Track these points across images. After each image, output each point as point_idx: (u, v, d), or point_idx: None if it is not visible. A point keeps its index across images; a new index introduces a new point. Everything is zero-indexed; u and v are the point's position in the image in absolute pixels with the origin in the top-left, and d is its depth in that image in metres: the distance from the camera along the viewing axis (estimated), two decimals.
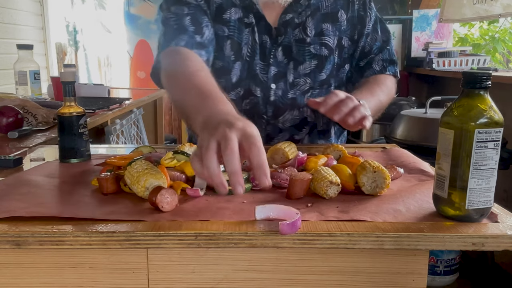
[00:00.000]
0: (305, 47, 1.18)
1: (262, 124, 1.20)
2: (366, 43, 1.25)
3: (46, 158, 1.09)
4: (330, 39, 1.20)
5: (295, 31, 1.18)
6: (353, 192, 0.77)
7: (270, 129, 1.22)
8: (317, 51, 1.19)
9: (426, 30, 3.44)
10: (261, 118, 1.20)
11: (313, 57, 1.19)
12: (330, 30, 1.20)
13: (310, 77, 1.20)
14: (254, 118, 1.18)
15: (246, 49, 1.16)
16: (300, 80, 1.20)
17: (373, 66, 1.25)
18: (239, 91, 1.19)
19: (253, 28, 1.16)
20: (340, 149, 0.98)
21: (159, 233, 0.61)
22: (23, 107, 1.59)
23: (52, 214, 0.66)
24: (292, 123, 1.22)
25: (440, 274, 0.88)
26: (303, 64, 1.19)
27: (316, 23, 1.18)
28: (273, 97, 1.19)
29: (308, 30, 1.18)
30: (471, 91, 0.64)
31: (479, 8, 2.68)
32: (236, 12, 1.16)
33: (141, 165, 0.75)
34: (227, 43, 1.17)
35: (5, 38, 2.71)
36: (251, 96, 1.19)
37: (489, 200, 0.65)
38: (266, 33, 1.17)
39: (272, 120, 1.21)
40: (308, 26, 1.18)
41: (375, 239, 0.61)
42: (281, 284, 0.66)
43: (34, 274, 0.66)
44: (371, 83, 1.20)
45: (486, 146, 0.63)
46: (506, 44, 3.47)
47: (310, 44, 1.18)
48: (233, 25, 1.16)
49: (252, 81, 1.18)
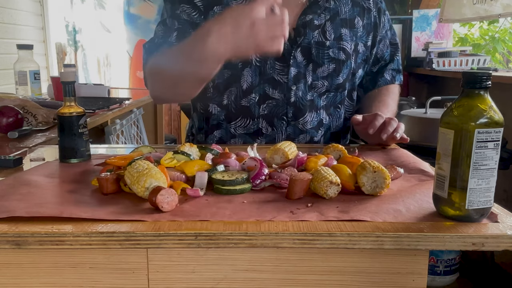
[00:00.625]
0: (324, 50, 1.21)
1: (283, 126, 1.22)
2: (379, 49, 1.33)
3: (46, 158, 1.09)
4: (348, 44, 1.23)
5: (315, 33, 1.20)
6: (353, 192, 0.77)
7: (291, 131, 1.23)
8: (335, 55, 1.22)
9: (426, 30, 3.44)
10: (282, 120, 1.21)
11: (331, 61, 1.21)
12: (348, 36, 1.23)
13: (327, 80, 1.23)
14: (274, 121, 1.21)
15: (253, 55, 1.16)
16: (318, 83, 1.22)
17: (385, 76, 1.35)
18: (254, 97, 1.20)
19: None
20: (340, 149, 0.98)
21: (159, 233, 0.61)
22: (23, 107, 1.59)
23: (52, 214, 0.66)
24: (311, 125, 1.24)
25: (440, 274, 0.88)
26: (322, 67, 1.21)
27: (335, 27, 1.22)
28: (293, 98, 1.20)
29: (327, 34, 1.21)
30: (471, 91, 0.64)
31: (479, 8, 2.68)
32: None
33: (141, 165, 0.75)
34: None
35: (5, 38, 2.71)
36: (268, 100, 1.20)
37: (489, 200, 0.65)
38: None
39: (293, 121, 1.22)
40: (327, 30, 1.21)
41: (375, 239, 0.61)
42: (281, 284, 0.66)
43: (34, 274, 0.66)
44: (384, 95, 1.31)
45: (486, 146, 0.63)
46: (506, 44, 3.47)
47: (329, 48, 1.21)
48: None
49: (267, 84, 1.19)
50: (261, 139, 1.23)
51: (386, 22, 1.32)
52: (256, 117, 1.21)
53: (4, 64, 2.62)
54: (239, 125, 1.22)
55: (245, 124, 1.22)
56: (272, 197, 0.76)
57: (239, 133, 1.23)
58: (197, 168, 0.84)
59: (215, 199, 0.74)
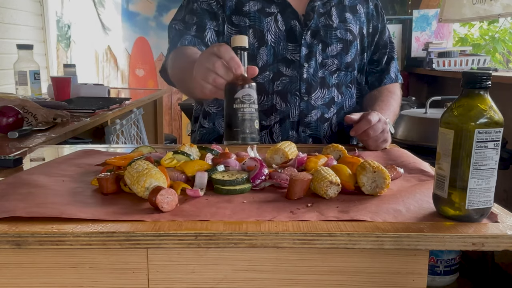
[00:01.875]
0: (332, 31, 1.31)
1: (296, 101, 1.28)
2: (381, 40, 1.42)
3: (46, 158, 1.09)
4: (353, 26, 1.34)
5: (321, 18, 1.31)
6: (353, 192, 0.77)
7: (304, 106, 1.29)
8: (343, 36, 1.32)
9: (426, 30, 3.44)
10: (295, 95, 1.28)
11: (339, 41, 1.31)
12: (352, 19, 1.34)
13: (337, 59, 1.31)
14: (287, 97, 1.28)
15: (269, 35, 1.27)
16: (328, 61, 1.31)
17: (390, 74, 1.43)
18: (268, 75, 1.28)
19: (276, 17, 1.28)
20: (340, 149, 0.98)
21: (159, 233, 0.61)
22: (23, 107, 1.59)
23: (52, 214, 0.66)
24: (322, 101, 1.31)
25: (440, 274, 0.88)
26: (331, 46, 1.31)
27: (340, 12, 1.33)
28: (305, 74, 1.28)
29: (333, 17, 1.32)
30: (471, 91, 0.64)
31: (479, 8, 2.68)
32: (255, 4, 1.28)
33: (141, 165, 0.75)
34: (250, 32, 1.27)
35: (5, 38, 2.71)
36: (282, 77, 1.28)
37: (489, 200, 0.65)
38: (294, 18, 1.28)
39: (306, 96, 1.29)
40: (333, 14, 1.32)
41: (375, 239, 0.61)
42: (281, 284, 0.66)
43: (34, 274, 0.66)
44: (386, 95, 1.37)
45: (486, 146, 0.63)
46: (506, 44, 3.47)
47: (337, 29, 1.31)
48: (253, 16, 1.27)
49: (281, 63, 1.28)
50: (275, 115, 1.28)
51: (383, 18, 1.43)
52: (270, 93, 1.28)
53: (4, 64, 2.62)
54: None
55: (259, 101, 1.27)
56: (272, 197, 0.76)
57: None
58: (197, 168, 0.84)
59: (215, 199, 0.74)
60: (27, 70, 2.27)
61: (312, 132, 1.30)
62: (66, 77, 2.34)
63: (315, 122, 1.29)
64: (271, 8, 1.28)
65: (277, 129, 1.28)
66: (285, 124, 1.28)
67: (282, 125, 1.28)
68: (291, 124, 1.28)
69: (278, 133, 1.29)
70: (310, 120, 1.29)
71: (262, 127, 1.28)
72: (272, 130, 1.29)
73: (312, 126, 1.30)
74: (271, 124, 1.28)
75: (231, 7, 1.28)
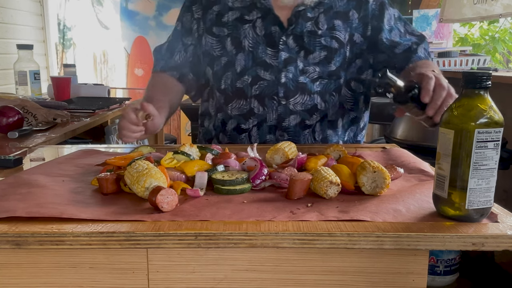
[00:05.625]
0: (316, 39, 1.27)
1: (274, 105, 1.27)
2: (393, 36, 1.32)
3: (46, 158, 1.09)
4: (341, 34, 1.29)
5: (308, 24, 1.27)
6: (353, 192, 0.77)
7: (282, 110, 1.28)
8: (327, 43, 1.27)
9: (426, 30, 3.44)
10: (272, 99, 1.27)
11: (323, 48, 1.27)
12: (342, 26, 1.29)
13: (319, 67, 1.27)
14: (265, 101, 1.27)
15: (246, 41, 1.28)
16: (309, 68, 1.27)
17: (418, 53, 1.30)
18: (247, 79, 1.28)
19: (254, 23, 1.29)
20: (340, 149, 0.98)
21: (159, 233, 0.61)
22: (23, 107, 1.59)
23: (52, 214, 0.66)
24: (303, 107, 1.28)
25: (440, 274, 0.88)
26: (313, 53, 1.27)
27: (329, 19, 1.29)
28: (284, 79, 1.27)
29: (320, 24, 1.28)
30: (471, 91, 0.64)
31: (479, 8, 2.68)
32: (234, 13, 1.31)
33: (141, 165, 0.75)
34: (228, 40, 1.30)
35: (5, 38, 2.71)
36: (260, 81, 1.28)
37: (489, 200, 0.65)
38: (275, 24, 1.27)
39: (284, 100, 1.27)
40: (320, 21, 1.28)
41: (375, 239, 0.61)
42: (281, 284, 0.66)
43: (34, 274, 0.66)
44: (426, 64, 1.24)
45: (486, 146, 0.63)
46: (506, 44, 3.47)
47: (321, 36, 1.27)
48: (231, 25, 1.30)
49: (259, 67, 1.28)
50: (253, 119, 1.29)
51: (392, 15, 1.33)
52: (248, 97, 1.28)
53: (4, 64, 2.62)
54: (234, 106, 1.30)
55: (239, 105, 1.30)
56: (272, 197, 0.76)
57: (234, 114, 1.31)
58: (197, 168, 0.84)
59: (215, 199, 0.74)
60: (27, 70, 2.27)
61: (290, 137, 1.28)
62: (66, 77, 2.34)
63: (294, 128, 1.28)
64: (251, 15, 1.29)
65: (255, 133, 1.29)
66: (263, 127, 1.28)
67: (260, 128, 1.28)
68: (268, 128, 1.28)
69: (255, 137, 1.29)
70: (288, 125, 1.27)
71: (241, 130, 1.30)
72: (250, 133, 1.29)
73: (291, 131, 1.28)
74: (249, 128, 1.29)
75: (212, 19, 1.33)
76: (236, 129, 1.31)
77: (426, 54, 1.32)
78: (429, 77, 0.96)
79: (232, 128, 1.32)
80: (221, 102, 1.33)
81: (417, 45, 1.31)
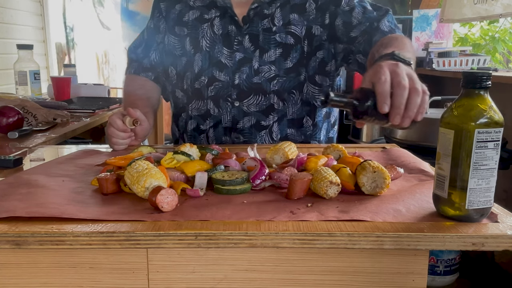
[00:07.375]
0: (270, 36, 1.24)
1: (228, 107, 1.26)
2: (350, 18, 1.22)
3: (46, 158, 1.09)
4: (297, 28, 1.24)
5: (264, 21, 1.24)
6: (353, 192, 0.77)
7: (236, 112, 1.26)
8: (282, 40, 1.24)
9: (426, 30, 3.44)
10: (226, 101, 1.26)
11: (278, 45, 1.24)
12: (298, 20, 1.24)
13: (274, 65, 1.24)
14: (220, 102, 1.26)
15: (204, 41, 1.27)
16: (264, 67, 1.24)
17: (380, 28, 1.18)
18: (203, 80, 1.27)
19: (212, 22, 1.28)
20: (340, 149, 0.98)
21: (159, 233, 0.61)
22: (23, 107, 1.59)
23: (52, 214, 0.66)
24: (258, 108, 1.26)
25: (440, 274, 0.88)
26: (268, 52, 1.24)
27: (285, 14, 1.25)
28: (237, 80, 1.25)
29: (275, 20, 1.24)
30: (471, 91, 0.64)
31: (479, 8, 2.68)
32: (194, 13, 1.31)
33: (141, 165, 0.75)
34: (187, 40, 1.30)
35: (5, 38, 2.71)
36: (215, 82, 1.26)
37: (489, 200, 0.65)
38: (232, 23, 1.26)
39: (237, 102, 1.25)
40: (276, 16, 1.24)
41: (375, 239, 0.61)
42: (281, 284, 0.66)
43: (34, 274, 0.66)
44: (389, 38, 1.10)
45: (486, 146, 0.63)
46: (506, 44, 3.47)
47: (276, 33, 1.24)
48: (191, 25, 1.30)
49: (215, 68, 1.26)
50: (209, 120, 1.29)
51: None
52: (205, 98, 1.28)
53: (4, 64, 2.62)
54: (194, 107, 1.31)
55: (197, 106, 1.30)
56: (272, 197, 0.76)
57: (194, 115, 1.31)
58: (197, 168, 0.84)
59: (215, 199, 0.74)
60: (27, 70, 2.27)
61: (246, 139, 1.26)
62: (66, 77, 2.34)
63: (249, 129, 1.25)
64: (210, 13, 1.28)
65: (212, 134, 1.28)
66: (218, 129, 1.27)
67: (216, 129, 1.28)
68: (223, 129, 1.27)
69: (212, 138, 1.28)
70: (242, 127, 1.25)
71: (199, 130, 1.30)
72: (208, 134, 1.29)
73: (246, 133, 1.26)
74: (206, 129, 1.28)
75: (174, 18, 1.33)
76: (196, 130, 1.31)
77: (391, 27, 1.19)
78: (381, 79, 0.76)
79: (192, 128, 1.31)
80: (184, 102, 1.33)
81: (378, 21, 1.19)
